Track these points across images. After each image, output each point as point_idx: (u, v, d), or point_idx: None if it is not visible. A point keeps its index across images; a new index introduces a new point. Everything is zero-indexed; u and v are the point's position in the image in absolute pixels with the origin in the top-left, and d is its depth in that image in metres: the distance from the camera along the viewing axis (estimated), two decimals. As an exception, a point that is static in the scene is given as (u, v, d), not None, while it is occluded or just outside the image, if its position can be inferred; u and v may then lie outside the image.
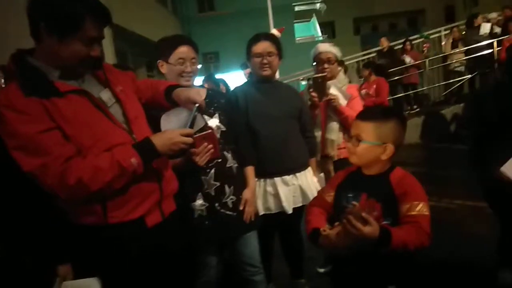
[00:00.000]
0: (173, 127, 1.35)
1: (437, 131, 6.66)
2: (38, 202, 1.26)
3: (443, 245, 2.39)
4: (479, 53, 6.71)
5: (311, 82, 2.41)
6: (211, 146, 1.62)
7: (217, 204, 1.71)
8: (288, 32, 13.82)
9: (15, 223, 1.30)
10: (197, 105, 1.36)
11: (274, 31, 2.27)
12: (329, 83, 2.24)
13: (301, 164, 2.08)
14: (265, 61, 1.99)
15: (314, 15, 15.83)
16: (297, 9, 15.73)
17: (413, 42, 8.04)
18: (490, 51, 6.55)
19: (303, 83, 8.00)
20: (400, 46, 8.02)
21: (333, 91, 2.24)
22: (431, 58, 7.64)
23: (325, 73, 2.26)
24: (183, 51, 1.67)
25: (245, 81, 2.48)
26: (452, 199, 3.77)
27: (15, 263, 1.29)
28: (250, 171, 1.87)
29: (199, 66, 1.77)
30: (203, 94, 1.71)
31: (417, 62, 7.48)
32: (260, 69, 2.02)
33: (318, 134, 2.32)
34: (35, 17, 1.10)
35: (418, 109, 7.46)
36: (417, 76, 7.72)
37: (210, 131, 1.65)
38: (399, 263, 1.31)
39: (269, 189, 2.00)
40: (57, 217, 1.25)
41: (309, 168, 2.14)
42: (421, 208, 1.28)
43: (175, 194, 1.47)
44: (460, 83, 7.43)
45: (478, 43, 6.76)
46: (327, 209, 1.50)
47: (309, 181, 2.09)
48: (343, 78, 2.49)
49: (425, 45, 8.25)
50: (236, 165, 1.80)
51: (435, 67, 7.74)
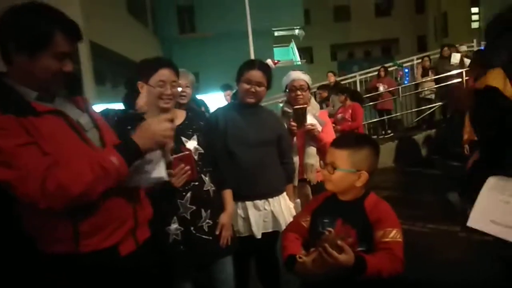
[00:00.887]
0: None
1: (410, 156, 6.87)
2: (5, 230, 1.21)
3: (417, 269, 2.42)
4: (449, 81, 7.06)
5: (285, 108, 2.47)
6: (188, 167, 1.61)
7: (192, 228, 1.69)
8: (267, 56, 14.10)
9: None
10: (159, 151, 1.31)
11: (269, 62, 2.35)
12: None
13: (275, 189, 2.08)
14: (253, 90, 2.02)
15: (293, 40, 16.29)
16: (276, 34, 16.16)
17: (388, 69, 8.37)
18: (459, 80, 6.89)
19: (281, 105, 8.14)
20: (375, 73, 8.34)
21: (310, 119, 2.31)
22: (403, 85, 7.95)
23: (306, 105, 2.33)
24: (164, 73, 1.66)
25: (227, 103, 2.51)
26: (425, 223, 3.82)
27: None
28: (228, 194, 1.86)
29: (179, 89, 1.78)
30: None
31: (391, 89, 7.78)
32: (246, 96, 2.05)
33: (295, 159, 2.34)
34: (3, 38, 1.09)
35: (392, 134, 7.70)
36: (391, 102, 8.01)
37: (187, 152, 1.64)
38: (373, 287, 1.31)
39: (240, 212, 1.99)
40: (25, 246, 1.20)
41: (284, 194, 2.14)
42: (394, 234, 1.31)
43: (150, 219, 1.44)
44: (431, 110, 7.75)
45: (448, 72, 7.12)
46: (303, 234, 1.50)
47: (283, 207, 2.08)
48: (315, 104, 2.58)
49: (399, 73, 8.61)
50: (213, 188, 1.78)
51: (407, 94, 8.06)
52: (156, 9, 14.50)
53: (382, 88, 7.70)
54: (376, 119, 8.17)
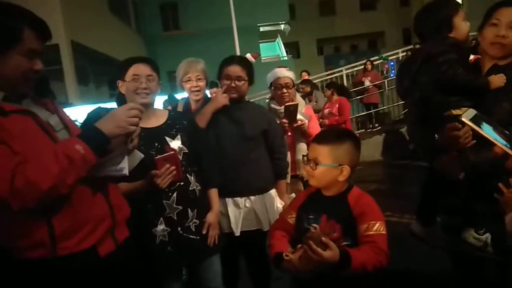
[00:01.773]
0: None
1: (398, 149, 6.93)
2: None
3: (405, 261, 2.44)
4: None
5: (272, 105, 2.45)
6: (173, 168, 1.60)
7: (179, 228, 1.67)
8: (253, 51, 14.10)
9: None
10: (123, 148, 1.29)
11: (248, 56, 2.34)
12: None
13: (258, 187, 2.04)
14: (233, 85, 2.02)
15: (278, 35, 16.28)
16: (262, 29, 16.14)
17: (374, 63, 8.43)
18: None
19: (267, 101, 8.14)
20: (361, 66, 8.39)
21: (299, 116, 2.32)
22: (389, 78, 8.02)
23: (297, 102, 2.33)
24: (138, 67, 1.66)
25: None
26: (413, 215, 3.85)
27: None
28: (214, 193, 1.85)
29: (159, 83, 1.75)
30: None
31: (376, 82, 7.83)
32: (227, 91, 2.04)
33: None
34: None
35: (379, 127, 7.76)
36: (378, 95, 8.07)
37: (172, 152, 1.63)
38: (360, 282, 1.33)
39: (221, 208, 1.97)
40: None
41: (270, 192, 2.11)
42: (377, 227, 1.32)
43: (135, 219, 1.42)
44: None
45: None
46: (290, 231, 1.51)
47: (267, 206, 2.06)
48: (301, 100, 2.58)
49: (385, 66, 8.67)
50: (199, 187, 1.77)
51: (393, 87, 8.11)
52: (138, 7, 14.35)
53: (367, 82, 7.75)
54: (363, 113, 8.22)
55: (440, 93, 1.60)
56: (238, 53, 8.22)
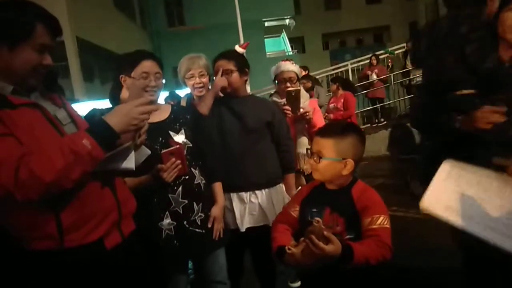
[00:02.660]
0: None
1: (404, 143, 6.86)
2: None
3: (411, 256, 2.44)
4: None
5: (274, 98, 2.43)
6: (179, 161, 1.61)
7: (185, 222, 1.68)
8: (258, 47, 14.02)
9: None
10: (130, 143, 1.29)
11: (237, 48, 2.31)
12: None
13: (264, 181, 2.01)
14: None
15: (283, 30, 16.18)
16: (267, 24, 16.05)
17: (380, 57, 8.35)
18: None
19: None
20: (367, 61, 8.32)
21: (301, 104, 2.27)
22: (395, 73, 7.94)
23: (299, 87, 2.28)
24: (147, 65, 1.65)
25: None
26: (419, 209, 3.84)
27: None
28: (218, 187, 1.85)
29: (163, 81, 1.75)
30: (166, 111, 1.66)
31: (382, 77, 7.76)
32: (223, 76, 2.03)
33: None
34: None
35: (385, 122, 7.70)
36: (383, 90, 8.00)
37: (177, 146, 1.63)
38: (365, 276, 1.33)
39: (226, 203, 1.96)
40: (8, 245, 1.18)
41: (277, 186, 2.08)
42: (381, 221, 1.32)
43: (141, 213, 1.43)
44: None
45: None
46: (293, 224, 1.51)
47: (274, 201, 2.02)
48: (305, 93, 2.53)
49: (390, 60, 8.59)
50: (203, 181, 1.78)
51: (399, 81, 8.05)
52: (143, 3, 14.33)
53: (374, 76, 7.68)
54: (369, 108, 8.17)
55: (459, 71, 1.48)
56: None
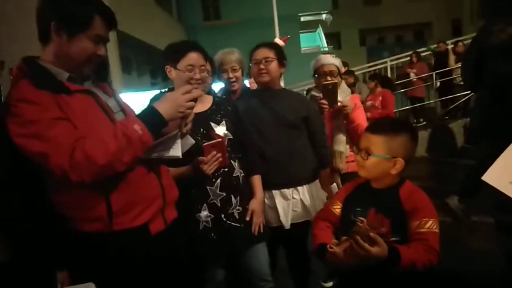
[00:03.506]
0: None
1: (444, 145, 6.59)
2: (41, 208, 1.23)
3: (449, 261, 2.33)
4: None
5: (312, 93, 2.36)
6: (219, 155, 1.60)
7: (223, 215, 1.67)
8: (293, 42, 13.86)
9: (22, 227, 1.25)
10: (177, 131, 1.33)
11: (277, 40, 2.27)
12: None
13: (304, 177, 1.99)
14: (262, 67, 1.95)
15: (320, 25, 15.91)
16: (303, 19, 15.83)
17: (422, 54, 8.04)
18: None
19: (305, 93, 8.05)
20: (407, 58, 8.03)
21: (340, 97, 2.20)
22: (437, 71, 7.61)
23: (336, 80, 2.21)
24: (193, 57, 1.63)
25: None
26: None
27: (19, 266, 1.24)
28: (257, 180, 1.82)
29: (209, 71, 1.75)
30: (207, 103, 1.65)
31: (422, 75, 7.47)
32: (257, 76, 1.99)
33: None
34: (46, 17, 1.15)
35: (424, 122, 7.41)
36: (423, 89, 7.70)
37: (220, 140, 1.63)
38: (407, 279, 1.27)
39: (267, 201, 1.93)
40: (57, 224, 1.23)
41: (316, 182, 2.05)
42: (430, 225, 1.26)
43: (179, 204, 1.45)
44: (466, 98, 7.38)
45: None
46: (334, 222, 1.47)
47: (314, 196, 2.00)
48: (346, 88, 2.45)
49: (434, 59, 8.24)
50: (242, 174, 1.76)
51: (441, 80, 7.70)
52: (180, -4, 14.51)
53: (412, 74, 7.41)
54: (407, 107, 7.89)
55: None
56: (278, 43, 8.12)
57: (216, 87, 2.39)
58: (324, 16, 16.36)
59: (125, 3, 8.67)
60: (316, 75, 2.36)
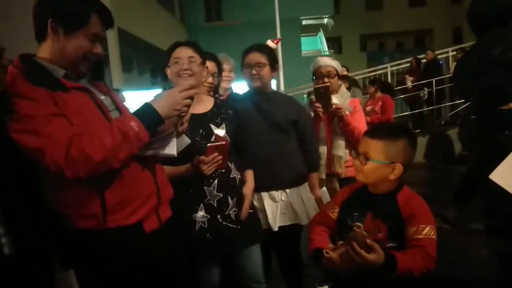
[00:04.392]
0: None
1: (442, 152, 6.59)
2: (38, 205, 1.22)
3: (446, 267, 2.33)
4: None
5: (311, 96, 2.36)
6: (220, 157, 1.61)
7: (219, 216, 1.67)
8: (294, 45, 13.90)
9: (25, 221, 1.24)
10: (173, 130, 1.33)
11: (268, 42, 2.31)
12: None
13: (293, 180, 1.98)
14: (254, 72, 1.96)
15: (321, 29, 15.94)
16: (304, 23, 15.85)
17: (422, 61, 8.05)
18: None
19: (305, 96, 8.05)
20: (407, 64, 8.04)
21: (335, 100, 2.19)
22: (437, 78, 7.62)
23: (328, 83, 2.20)
24: (179, 50, 1.68)
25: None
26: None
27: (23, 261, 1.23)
28: (250, 174, 1.84)
29: (203, 66, 1.74)
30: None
31: (421, 82, 7.48)
32: (249, 81, 2.00)
33: (322, 149, 2.24)
34: (43, 14, 1.16)
35: (423, 129, 7.42)
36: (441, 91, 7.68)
37: (224, 143, 1.63)
38: (403, 284, 1.26)
39: (256, 203, 1.93)
40: (54, 221, 1.22)
41: (305, 185, 2.05)
42: (428, 231, 1.25)
43: (176, 204, 1.45)
44: (466, 104, 7.39)
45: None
46: (331, 226, 1.47)
47: (303, 199, 2.00)
48: (345, 92, 2.43)
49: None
50: (239, 176, 1.77)
51: (441, 87, 7.72)
52: (183, -4, 14.52)
53: (408, 82, 7.44)
54: (406, 113, 7.89)
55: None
56: (279, 46, 8.13)
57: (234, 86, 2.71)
58: (325, 20, 16.39)
59: (127, 1, 8.67)
60: (314, 77, 2.36)
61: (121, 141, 1.11)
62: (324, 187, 2.23)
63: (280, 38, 3.09)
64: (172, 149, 1.31)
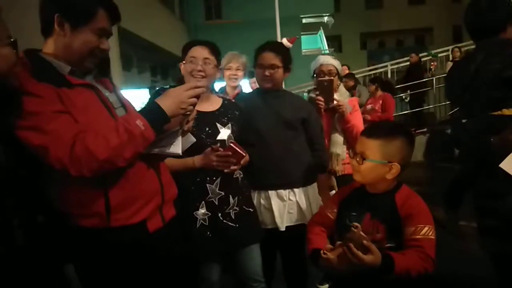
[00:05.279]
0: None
1: (442, 151, 6.58)
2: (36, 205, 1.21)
3: (445, 266, 2.33)
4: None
5: (311, 94, 2.35)
6: (234, 161, 1.61)
7: (220, 214, 1.68)
8: (294, 44, 13.81)
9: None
10: (179, 128, 1.32)
11: (284, 41, 2.26)
12: None
13: (301, 179, 1.95)
14: (267, 73, 1.92)
15: (321, 28, 15.90)
16: (304, 21, 15.82)
17: (422, 59, 8.05)
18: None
19: (305, 94, 8.04)
20: (407, 63, 8.03)
21: (336, 96, 2.18)
22: (437, 76, 7.62)
23: (332, 77, 2.19)
24: (196, 49, 1.69)
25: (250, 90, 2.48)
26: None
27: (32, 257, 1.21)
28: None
29: (217, 68, 1.76)
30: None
31: (421, 80, 7.48)
32: (261, 81, 1.98)
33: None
34: (50, 9, 1.15)
35: (423, 127, 7.42)
36: (423, 94, 7.69)
37: (243, 154, 1.62)
38: (401, 284, 1.25)
39: (263, 202, 1.92)
40: (58, 219, 1.22)
41: (314, 185, 2.03)
42: (426, 231, 1.24)
43: (178, 201, 1.45)
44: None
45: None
46: (329, 226, 1.46)
47: (311, 199, 1.98)
48: (344, 91, 2.43)
49: (432, 64, 8.25)
50: (242, 176, 1.78)
51: (441, 85, 7.71)
52: (183, -5, 14.49)
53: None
54: (406, 111, 7.89)
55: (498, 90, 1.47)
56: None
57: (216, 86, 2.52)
58: (325, 18, 16.34)
59: (127, 0, 8.65)
60: (315, 75, 2.35)
61: (126, 139, 1.09)
62: (333, 190, 2.21)
63: (296, 37, 3.06)
64: (177, 148, 1.30)
